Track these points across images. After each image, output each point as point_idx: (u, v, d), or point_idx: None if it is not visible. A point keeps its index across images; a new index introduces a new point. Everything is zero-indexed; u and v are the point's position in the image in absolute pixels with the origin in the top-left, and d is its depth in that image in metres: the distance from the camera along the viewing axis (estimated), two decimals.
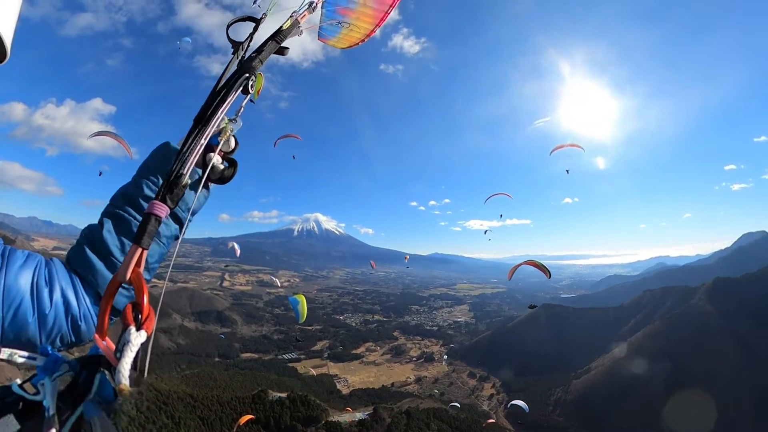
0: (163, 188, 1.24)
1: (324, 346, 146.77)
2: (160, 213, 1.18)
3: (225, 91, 1.47)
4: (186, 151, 1.31)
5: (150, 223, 1.16)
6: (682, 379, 79.97)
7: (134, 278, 1.08)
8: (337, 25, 2.31)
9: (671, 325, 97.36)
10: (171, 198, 1.23)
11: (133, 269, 1.10)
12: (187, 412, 58.93)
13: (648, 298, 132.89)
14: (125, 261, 1.11)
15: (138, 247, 1.12)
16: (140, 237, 1.14)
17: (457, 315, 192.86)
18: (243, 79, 1.52)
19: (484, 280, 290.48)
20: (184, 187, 1.27)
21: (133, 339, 0.88)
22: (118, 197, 1.46)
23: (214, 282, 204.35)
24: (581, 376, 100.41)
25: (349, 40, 2.40)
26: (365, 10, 2.24)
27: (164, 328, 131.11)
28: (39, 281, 1.24)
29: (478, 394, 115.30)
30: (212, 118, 1.39)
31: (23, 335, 1.19)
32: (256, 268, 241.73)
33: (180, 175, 1.25)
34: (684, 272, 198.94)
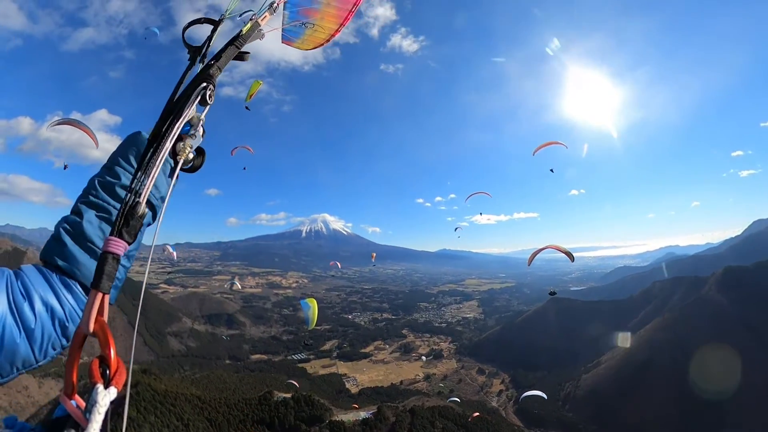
0: (119, 221, 1.15)
1: (333, 345, 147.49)
2: (118, 251, 1.11)
3: (182, 103, 1.40)
4: (141, 176, 1.23)
5: (107, 263, 1.08)
6: (694, 373, 77.90)
7: (98, 329, 1.00)
8: (300, 26, 2.27)
9: (681, 317, 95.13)
10: (128, 231, 1.15)
11: (96, 318, 1.02)
12: (195, 414, 59.85)
13: (657, 289, 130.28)
14: (86, 309, 1.02)
15: (98, 292, 1.04)
16: (99, 280, 1.05)
17: (466, 311, 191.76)
18: (200, 90, 1.43)
19: (492, 275, 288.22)
20: (141, 218, 1.19)
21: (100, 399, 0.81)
22: (94, 186, 1.40)
23: (224, 285, 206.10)
24: (591, 370, 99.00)
25: (314, 41, 2.36)
26: (329, 10, 2.21)
27: (175, 332, 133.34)
28: (16, 298, 1.17)
29: (486, 390, 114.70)
30: (167, 136, 1.31)
31: (16, 359, 1.15)
32: (266, 270, 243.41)
33: (136, 204, 1.18)
34: (694, 261, 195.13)
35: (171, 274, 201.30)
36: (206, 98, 1.45)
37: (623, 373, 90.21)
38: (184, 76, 1.52)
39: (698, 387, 73.77)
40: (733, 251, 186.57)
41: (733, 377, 72.17)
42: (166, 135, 1.32)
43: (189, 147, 1.43)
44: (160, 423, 56.55)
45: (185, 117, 1.37)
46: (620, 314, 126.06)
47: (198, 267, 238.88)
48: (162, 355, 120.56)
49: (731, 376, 72.33)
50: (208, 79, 1.46)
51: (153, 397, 61.12)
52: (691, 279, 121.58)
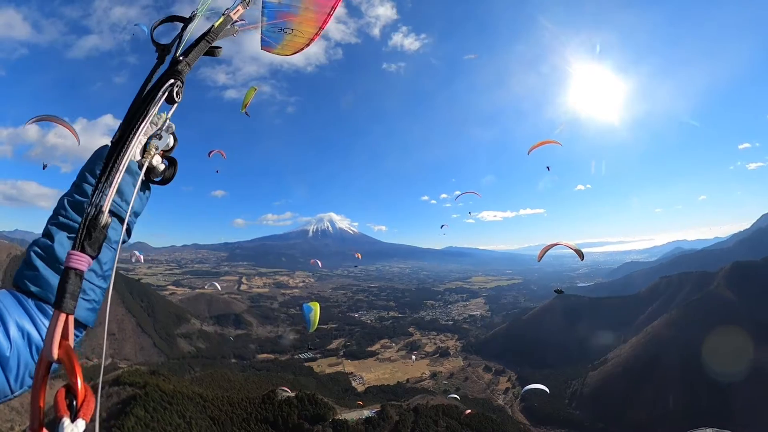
0: (81, 234, 1.09)
1: (339, 344, 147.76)
2: (81, 266, 1.05)
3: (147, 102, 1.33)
4: (103, 184, 1.16)
5: (69, 280, 1.02)
6: (701, 369, 76.74)
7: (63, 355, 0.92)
8: (279, 32, 2.22)
9: (688, 313, 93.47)
10: (90, 244, 1.09)
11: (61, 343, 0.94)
12: (197, 412, 60.66)
13: (664, 285, 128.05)
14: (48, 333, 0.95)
15: (60, 313, 0.97)
16: (61, 300, 0.99)
17: (473, 308, 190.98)
18: (167, 87, 1.37)
19: (499, 272, 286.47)
20: (104, 228, 1.13)
21: None
22: (63, 206, 1.33)
23: (231, 286, 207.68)
24: (598, 368, 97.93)
25: (293, 46, 2.33)
26: (308, 15, 2.18)
27: (184, 334, 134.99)
28: None
29: (493, 388, 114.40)
30: (131, 137, 1.25)
31: None
32: (273, 270, 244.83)
33: (98, 214, 1.12)
34: (702, 256, 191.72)
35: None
36: (173, 96, 1.38)
37: (630, 370, 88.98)
38: (151, 76, 1.43)
39: (706, 385, 72.60)
40: (741, 245, 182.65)
41: (742, 375, 70.80)
42: (129, 137, 1.25)
43: (154, 148, 1.37)
44: (164, 421, 57.67)
45: (150, 116, 1.31)
46: (627, 310, 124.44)
47: (205, 268, 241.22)
48: (172, 356, 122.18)
49: (740, 374, 70.96)
50: (176, 75, 1.39)
51: (161, 397, 62.18)
52: (699, 274, 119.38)
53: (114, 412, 57.97)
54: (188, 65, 1.45)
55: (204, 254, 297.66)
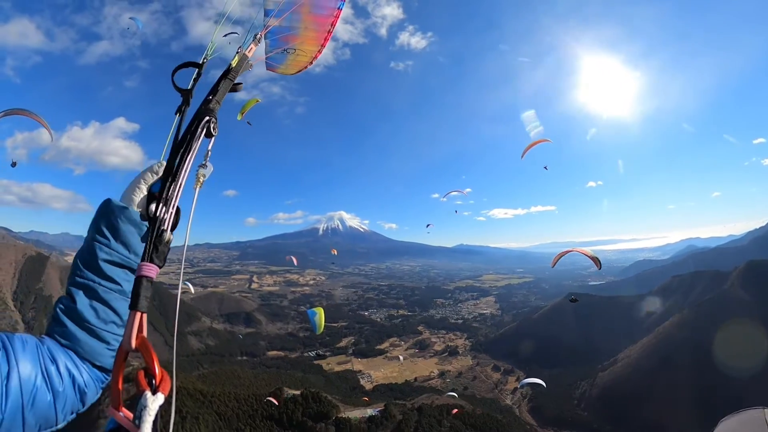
0: (149, 249, 1.30)
1: (349, 342, 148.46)
2: (151, 274, 1.24)
3: (189, 138, 1.50)
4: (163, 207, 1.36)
5: (142, 286, 1.21)
6: (713, 372, 74.51)
7: (140, 345, 1.10)
8: (283, 53, 2.32)
9: (701, 314, 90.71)
10: (158, 257, 1.30)
11: (137, 335, 1.12)
12: (198, 408, 61.69)
13: (676, 284, 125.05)
14: (127, 328, 1.13)
15: (136, 312, 1.16)
16: (136, 301, 1.18)
17: (483, 307, 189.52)
18: (204, 123, 1.55)
19: (510, 270, 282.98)
20: (168, 244, 1.34)
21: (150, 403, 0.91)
22: (78, 267, 1.46)
23: (242, 284, 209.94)
24: (607, 368, 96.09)
25: (297, 65, 2.41)
26: (308, 34, 2.27)
27: (194, 331, 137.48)
28: (45, 362, 1.25)
29: (501, 388, 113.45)
30: (181, 168, 1.42)
31: (41, 419, 1.20)
32: (284, 268, 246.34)
33: (162, 232, 1.33)
34: (716, 254, 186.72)
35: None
36: (211, 130, 1.56)
37: (640, 371, 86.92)
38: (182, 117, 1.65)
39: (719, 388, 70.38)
40: (756, 244, 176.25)
41: (756, 378, 68.36)
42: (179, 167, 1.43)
43: (203, 176, 1.52)
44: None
45: (196, 148, 1.49)
46: (639, 310, 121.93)
47: (217, 267, 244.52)
48: (182, 354, 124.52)
49: (754, 377, 68.54)
50: (209, 112, 1.58)
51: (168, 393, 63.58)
52: (712, 273, 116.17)
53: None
54: (218, 103, 1.66)
55: (216, 253, 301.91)
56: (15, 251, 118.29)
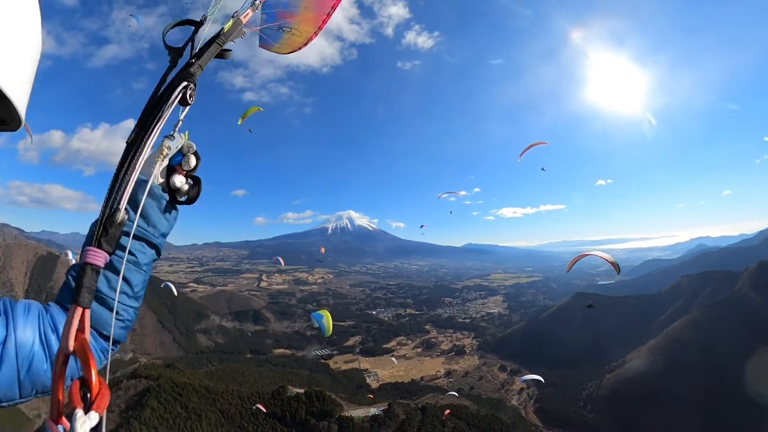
0: (98, 231, 1.12)
1: (356, 341, 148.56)
2: (97, 262, 1.08)
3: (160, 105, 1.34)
4: (120, 182, 1.19)
5: (87, 275, 1.04)
6: (723, 374, 72.62)
7: (78, 348, 0.93)
8: (278, 30, 2.21)
9: (711, 315, 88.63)
10: (107, 241, 1.12)
11: (77, 336, 0.96)
12: (204, 405, 62.61)
13: (686, 285, 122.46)
14: (65, 326, 0.97)
15: (77, 307, 0.99)
16: (78, 294, 1.01)
17: (491, 306, 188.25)
18: (180, 89, 1.37)
19: (518, 269, 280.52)
20: (120, 225, 1.16)
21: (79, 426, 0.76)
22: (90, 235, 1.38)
23: (251, 283, 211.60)
24: (615, 369, 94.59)
25: (291, 45, 2.30)
26: (307, 14, 2.17)
27: (203, 329, 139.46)
28: (46, 330, 1.23)
29: (508, 388, 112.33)
30: (146, 138, 1.26)
31: (38, 383, 1.19)
32: (293, 267, 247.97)
33: (115, 211, 1.14)
34: (726, 254, 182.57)
35: None
36: (187, 98, 1.39)
37: (648, 373, 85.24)
38: (164, 78, 1.45)
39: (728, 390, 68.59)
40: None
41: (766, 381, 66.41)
42: (145, 138, 1.26)
43: (167, 149, 1.40)
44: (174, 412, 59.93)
45: (165, 118, 1.32)
46: (648, 310, 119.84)
47: (226, 266, 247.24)
48: (191, 351, 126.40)
49: (764, 380, 66.58)
50: (188, 77, 1.40)
51: (173, 389, 64.64)
52: (722, 274, 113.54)
53: (132, 404, 60.75)
54: (200, 67, 1.47)
55: (225, 252, 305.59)
56: (27, 251, 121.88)
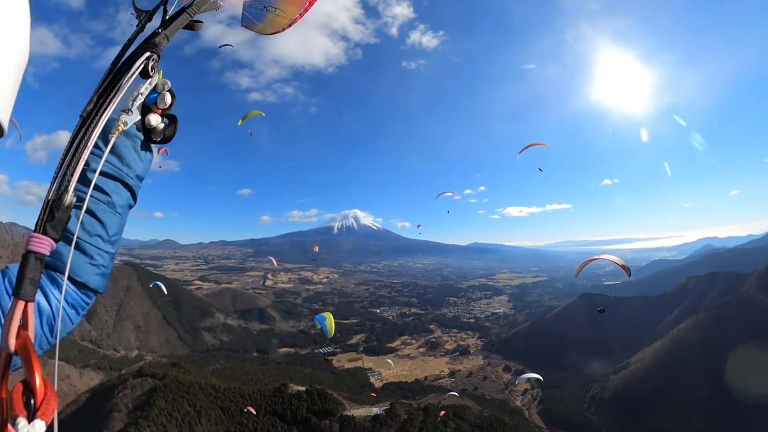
0: (43, 215, 1.01)
1: (360, 339, 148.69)
2: (42, 250, 0.98)
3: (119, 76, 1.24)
4: (69, 159, 1.08)
5: (29, 265, 0.94)
6: (730, 377, 71.14)
7: (20, 347, 0.82)
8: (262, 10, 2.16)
9: (717, 317, 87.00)
10: (53, 226, 1.01)
11: (18, 333, 0.85)
12: (208, 402, 63.03)
13: (692, 286, 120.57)
14: (6, 323, 0.86)
15: (19, 301, 0.89)
16: (20, 286, 0.90)
17: (496, 306, 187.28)
18: (142, 60, 1.27)
19: (524, 269, 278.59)
20: (68, 209, 1.05)
21: None
22: None
23: (257, 281, 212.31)
24: (619, 371, 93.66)
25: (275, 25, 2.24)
26: None
27: (208, 327, 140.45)
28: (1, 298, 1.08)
29: (512, 389, 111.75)
30: (102, 112, 1.17)
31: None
32: (299, 266, 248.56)
33: (63, 193, 1.04)
34: (734, 255, 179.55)
35: None
36: (148, 69, 1.29)
37: (653, 375, 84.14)
38: (129, 44, 1.33)
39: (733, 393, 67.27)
40: None
41: None
42: (99, 112, 1.17)
43: (123, 124, 1.30)
44: (183, 411, 60.44)
45: (123, 90, 1.23)
46: (653, 311, 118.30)
47: (231, 264, 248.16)
48: (196, 349, 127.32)
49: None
50: (152, 48, 1.30)
51: (179, 388, 65.17)
52: (730, 275, 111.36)
53: (139, 403, 61.22)
54: (166, 38, 1.37)
55: (230, 250, 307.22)
56: None
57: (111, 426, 53.82)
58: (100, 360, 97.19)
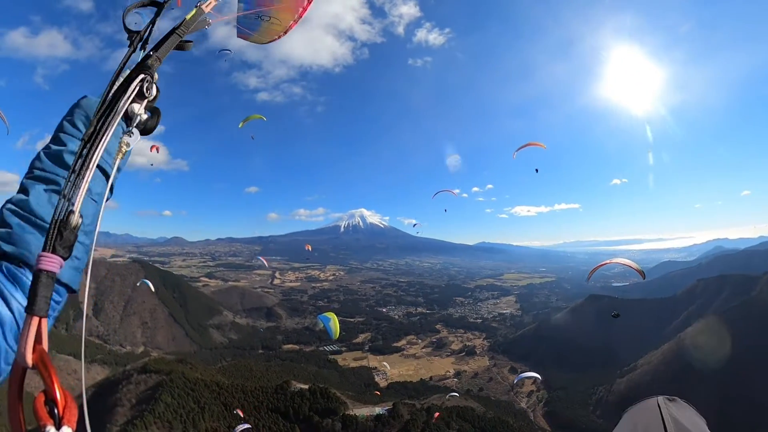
0: (51, 234, 1.01)
1: (365, 338, 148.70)
2: (52, 268, 0.97)
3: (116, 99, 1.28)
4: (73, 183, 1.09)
5: (41, 283, 0.94)
6: (739, 383, 69.37)
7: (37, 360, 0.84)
8: (257, 20, 2.18)
9: (727, 320, 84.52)
10: (62, 244, 1.01)
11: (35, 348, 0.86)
12: (212, 399, 63.43)
13: (701, 288, 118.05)
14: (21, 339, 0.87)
15: (33, 317, 0.89)
16: (33, 303, 0.91)
17: (503, 307, 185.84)
18: (137, 83, 1.32)
19: (532, 269, 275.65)
20: (75, 229, 1.04)
21: None
22: (39, 158, 1.28)
23: (265, 280, 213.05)
24: (626, 374, 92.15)
25: (270, 34, 2.28)
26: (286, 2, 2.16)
27: (216, 325, 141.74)
28: None
29: (517, 390, 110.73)
30: (102, 135, 1.19)
31: None
32: (306, 264, 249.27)
33: (70, 213, 1.04)
34: (745, 257, 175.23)
35: None
36: (144, 91, 1.34)
37: (660, 379, 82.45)
38: (122, 66, 1.39)
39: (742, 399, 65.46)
40: None
41: None
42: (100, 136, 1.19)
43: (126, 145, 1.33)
44: (188, 407, 60.97)
45: (121, 112, 1.27)
46: (662, 314, 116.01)
47: (239, 261, 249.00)
48: (204, 346, 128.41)
49: None
50: (146, 70, 1.35)
51: (185, 384, 65.75)
52: (740, 277, 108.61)
53: (144, 398, 61.96)
54: (158, 60, 1.42)
55: (238, 247, 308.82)
56: None
57: (114, 420, 54.51)
58: (107, 355, 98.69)
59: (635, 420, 1.46)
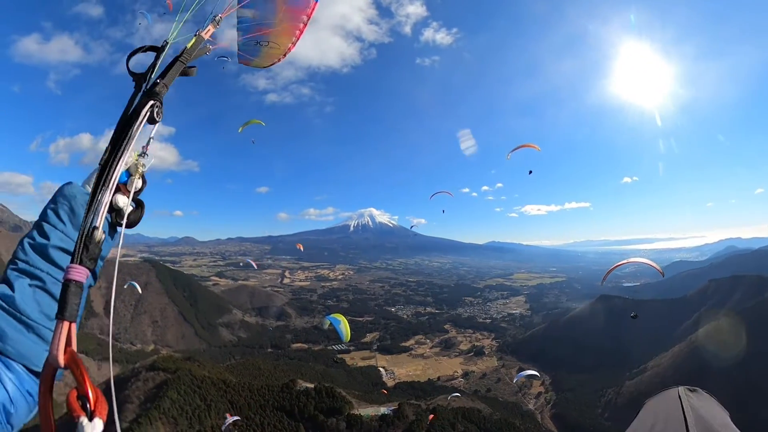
0: (79, 249, 1.13)
1: (374, 338, 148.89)
2: (80, 278, 1.08)
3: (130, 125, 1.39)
4: (97, 200, 1.20)
5: (70, 291, 1.05)
6: (752, 385, 67.33)
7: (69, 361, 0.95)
8: (256, 45, 2.29)
9: (740, 322, 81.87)
10: (88, 256, 1.13)
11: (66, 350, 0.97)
12: (219, 396, 64.19)
13: (713, 289, 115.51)
14: (53, 342, 0.97)
15: (63, 321, 1.00)
16: (63, 309, 1.01)
17: (512, 307, 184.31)
18: (148, 108, 1.43)
19: (542, 269, 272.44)
20: (99, 244, 1.16)
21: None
22: (24, 249, 1.30)
23: (274, 279, 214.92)
24: (636, 376, 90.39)
25: (270, 58, 2.42)
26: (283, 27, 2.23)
27: (225, 323, 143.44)
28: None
29: (525, 391, 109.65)
30: (119, 157, 1.30)
31: None
32: (316, 264, 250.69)
33: (94, 229, 1.16)
34: (758, 257, 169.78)
35: None
36: (154, 116, 1.44)
37: (670, 381, 79.08)
38: (130, 103, 1.50)
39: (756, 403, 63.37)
40: None
41: None
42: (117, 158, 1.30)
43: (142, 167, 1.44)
44: (194, 404, 61.86)
45: (135, 137, 1.36)
46: (673, 315, 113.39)
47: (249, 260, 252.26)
48: (213, 344, 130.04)
49: None
50: (154, 96, 1.46)
51: (192, 381, 66.71)
52: (753, 278, 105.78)
53: (151, 395, 63.06)
54: (165, 86, 1.53)
55: (248, 247, 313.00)
56: None
57: (123, 417, 55.53)
58: (117, 353, 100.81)
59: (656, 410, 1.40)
